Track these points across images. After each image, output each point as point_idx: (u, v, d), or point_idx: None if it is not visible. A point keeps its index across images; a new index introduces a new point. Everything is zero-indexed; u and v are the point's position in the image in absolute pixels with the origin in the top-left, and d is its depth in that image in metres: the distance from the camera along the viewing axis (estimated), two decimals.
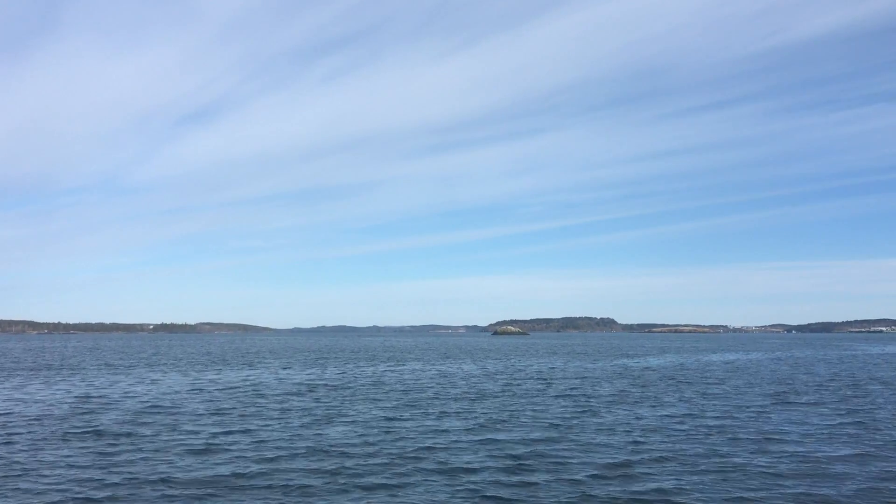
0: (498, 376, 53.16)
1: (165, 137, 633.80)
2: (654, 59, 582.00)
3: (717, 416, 29.62)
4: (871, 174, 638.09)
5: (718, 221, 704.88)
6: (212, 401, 35.21)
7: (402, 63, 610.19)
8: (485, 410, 31.34)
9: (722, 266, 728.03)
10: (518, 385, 44.98)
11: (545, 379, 50.47)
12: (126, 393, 39.58)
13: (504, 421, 28.04)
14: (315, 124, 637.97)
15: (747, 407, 33.04)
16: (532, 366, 68.27)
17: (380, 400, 35.71)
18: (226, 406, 32.90)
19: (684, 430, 25.71)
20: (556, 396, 37.76)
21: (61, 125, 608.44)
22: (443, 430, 25.46)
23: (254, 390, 40.99)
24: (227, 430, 25.49)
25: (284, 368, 62.92)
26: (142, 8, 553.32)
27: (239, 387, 43.40)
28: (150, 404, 33.75)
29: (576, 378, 51.24)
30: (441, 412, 30.71)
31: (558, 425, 26.82)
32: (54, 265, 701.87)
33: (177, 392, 39.97)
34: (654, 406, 33.41)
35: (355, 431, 25.16)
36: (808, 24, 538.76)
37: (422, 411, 31.03)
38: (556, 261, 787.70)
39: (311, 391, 40.38)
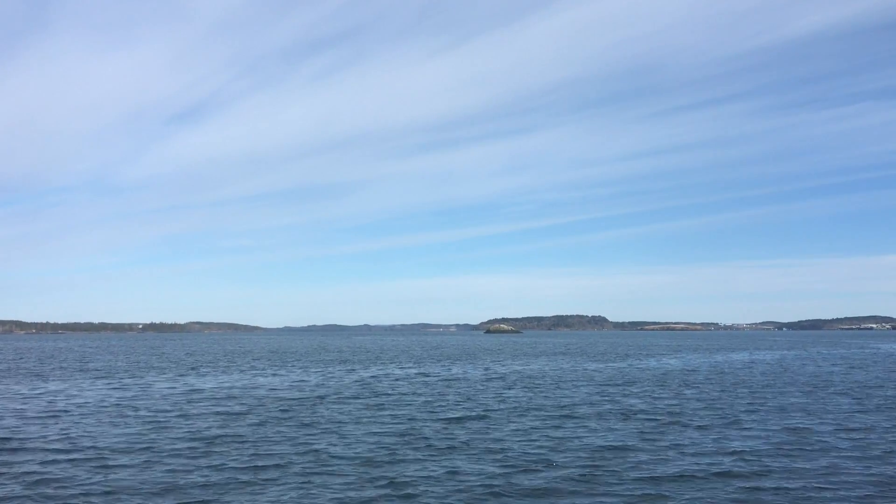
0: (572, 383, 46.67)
1: (155, 136, 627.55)
2: (645, 57, 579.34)
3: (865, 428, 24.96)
4: (862, 172, 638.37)
5: (709, 219, 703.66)
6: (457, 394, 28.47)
7: (393, 61, 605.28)
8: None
9: (712, 264, 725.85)
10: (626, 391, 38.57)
11: (621, 382, 44.08)
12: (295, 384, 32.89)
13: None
14: (305, 123, 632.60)
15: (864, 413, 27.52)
16: (578, 369, 61.84)
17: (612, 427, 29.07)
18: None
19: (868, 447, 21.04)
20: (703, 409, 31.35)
21: (49, 124, 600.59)
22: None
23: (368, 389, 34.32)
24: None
25: (350, 369, 56.25)
26: (131, 6, 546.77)
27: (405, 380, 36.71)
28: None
29: (644, 382, 44.84)
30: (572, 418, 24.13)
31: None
32: (42, 264, 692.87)
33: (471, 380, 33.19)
34: (781, 416, 28.72)
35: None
36: (799, 21, 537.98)
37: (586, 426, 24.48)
38: (547, 259, 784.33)
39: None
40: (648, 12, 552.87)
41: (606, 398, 35.67)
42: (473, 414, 29.57)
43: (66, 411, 30.76)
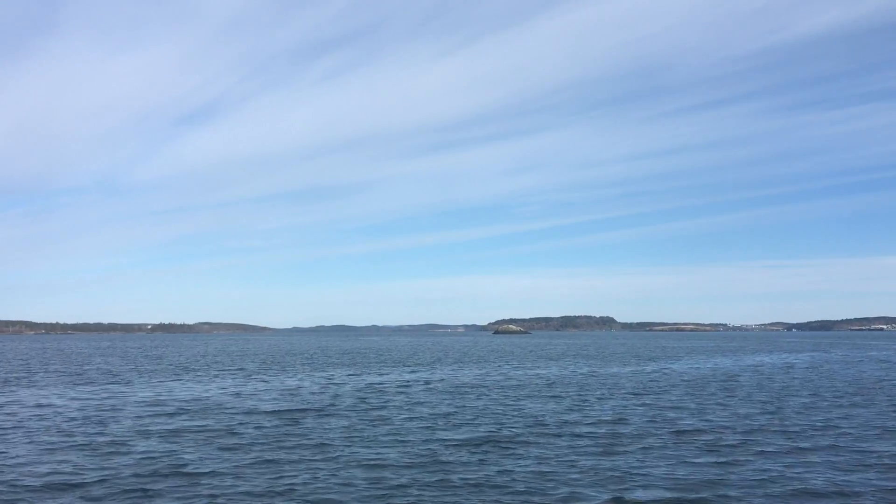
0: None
1: (163, 137, 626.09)
2: (652, 58, 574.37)
3: None
4: (869, 172, 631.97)
5: (717, 220, 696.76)
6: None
7: (401, 62, 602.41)
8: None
9: (721, 264, 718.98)
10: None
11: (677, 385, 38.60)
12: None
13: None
14: (313, 124, 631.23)
15: None
16: (615, 373, 56.34)
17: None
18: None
19: None
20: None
21: (59, 125, 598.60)
22: None
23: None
24: None
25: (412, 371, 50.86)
26: (140, 7, 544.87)
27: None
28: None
29: (679, 390, 39.37)
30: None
31: None
32: (52, 265, 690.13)
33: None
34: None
35: None
36: (805, 22, 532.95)
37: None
38: (554, 259, 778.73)
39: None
40: (654, 13, 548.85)
41: (651, 412, 30.16)
42: (500, 434, 24.17)
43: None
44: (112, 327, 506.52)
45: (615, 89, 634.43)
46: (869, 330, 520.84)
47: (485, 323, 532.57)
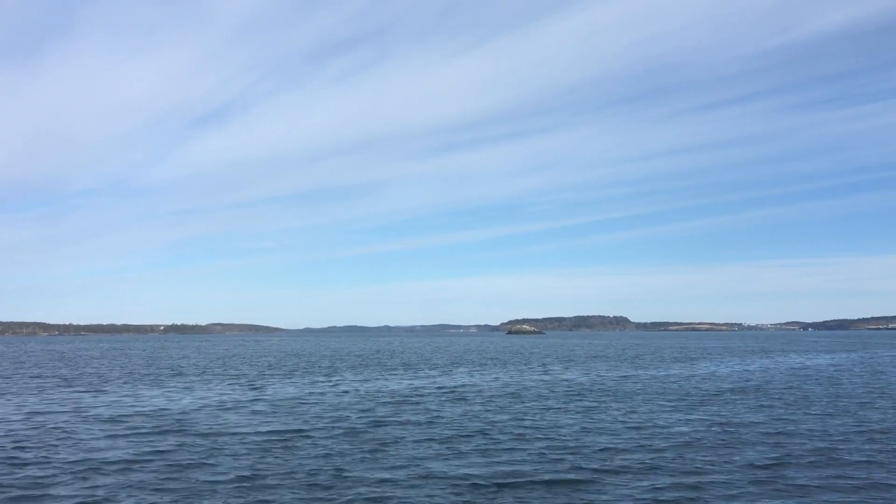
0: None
1: (178, 139, 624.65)
2: (662, 58, 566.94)
3: None
4: (885, 170, 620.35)
5: (730, 218, 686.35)
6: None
7: (414, 62, 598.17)
8: None
9: (735, 263, 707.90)
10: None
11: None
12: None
13: None
14: (327, 124, 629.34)
15: None
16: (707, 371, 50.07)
17: None
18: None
19: None
20: None
21: (74, 127, 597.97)
22: None
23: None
24: None
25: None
26: (155, 10, 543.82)
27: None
28: None
29: (727, 397, 33.19)
30: None
31: None
32: (66, 267, 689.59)
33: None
34: None
35: None
36: (816, 21, 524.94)
37: None
38: (566, 259, 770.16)
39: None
40: (665, 13, 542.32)
41: (721, 433, 24.08)
42: (541, 464, 18.20)
43: None
44: (125, 328, 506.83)
45: (626, 89, 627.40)
46: (886, 329, 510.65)
47: (497, 323, 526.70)
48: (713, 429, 24.33)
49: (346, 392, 38.36)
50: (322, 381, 46.19)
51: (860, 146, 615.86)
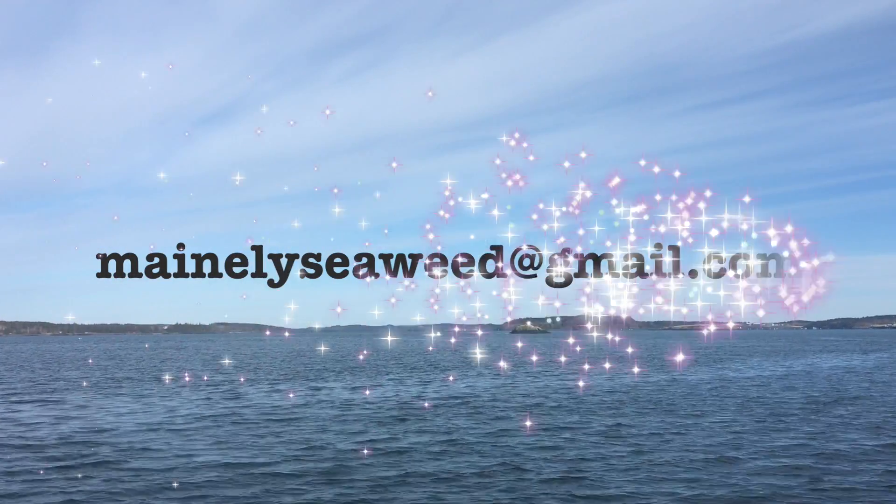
0: None
1: (182, 139, 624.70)
2: (669, 55, 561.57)
3: None
4: (889, 168, 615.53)
5: None
6: None
7: (419, 61, 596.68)
8: None
9: None
10: None
11: None
12: None
13: None
14: (332, 123, 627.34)
15: None
16: None
17: None
18: None
19: None
20: None
21: (78, 127, 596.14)
22: None
23: None
24: None
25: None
26: (158, 9, 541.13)
27: None
28: None
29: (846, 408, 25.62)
30: None
31: None
32: (70, 267, 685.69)
33: None
34: None
35: None
36: (826, 18, 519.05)
37: None
38: None
39: None
40: (672, 10, 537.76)
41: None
42: None
43: None
44: (129, 328, 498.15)
45: (633, 87, 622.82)
46: (892, 328, 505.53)
47: (501, 322, 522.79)
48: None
49: (303, 404, 30.68)
50: (297, 388, 38.58)
51: (870, 143, 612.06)
